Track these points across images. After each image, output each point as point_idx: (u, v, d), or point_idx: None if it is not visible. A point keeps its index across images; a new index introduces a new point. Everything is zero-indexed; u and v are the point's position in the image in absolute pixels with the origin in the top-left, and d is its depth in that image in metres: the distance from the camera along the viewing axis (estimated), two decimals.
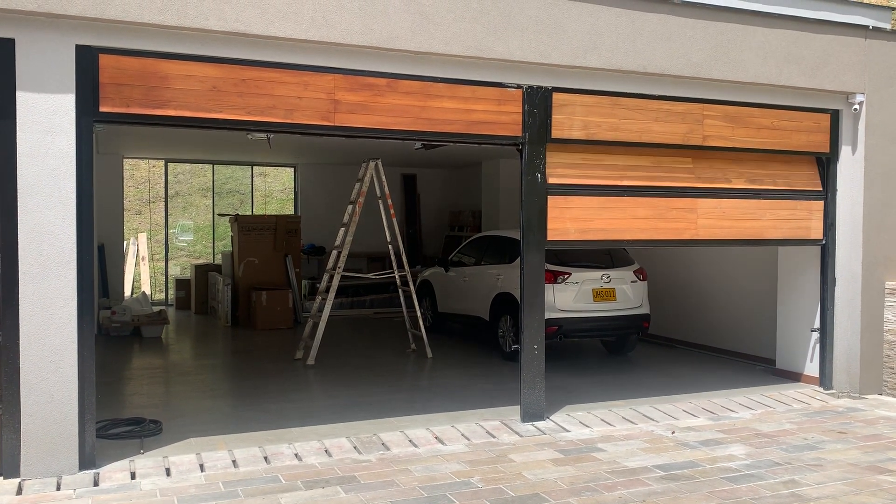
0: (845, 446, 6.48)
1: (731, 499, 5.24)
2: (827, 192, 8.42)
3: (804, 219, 8.30)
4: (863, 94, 8.23)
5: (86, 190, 5.57)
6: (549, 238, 7.12)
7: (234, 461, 5.86)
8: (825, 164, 8.42)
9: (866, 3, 8.52)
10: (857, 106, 8.25)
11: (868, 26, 8.28)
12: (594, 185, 7.36)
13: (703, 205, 7.81)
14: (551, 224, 7.13)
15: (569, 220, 7.23)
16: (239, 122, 6.02)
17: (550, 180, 7.11)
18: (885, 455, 6.24)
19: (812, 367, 8.69)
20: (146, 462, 5.80)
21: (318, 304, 10.66)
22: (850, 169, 8.35)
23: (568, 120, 7.11)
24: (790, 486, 5.49)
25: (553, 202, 7.12)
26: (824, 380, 8.48)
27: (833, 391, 8.40)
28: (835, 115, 8.34)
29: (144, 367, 9.56)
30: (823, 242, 8.40)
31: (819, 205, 8.37)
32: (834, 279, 8.41)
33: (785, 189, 8.20)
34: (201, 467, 5.72)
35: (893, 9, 9.52)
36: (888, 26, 8.51)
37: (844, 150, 8.36)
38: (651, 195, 7.57)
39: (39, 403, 5.44)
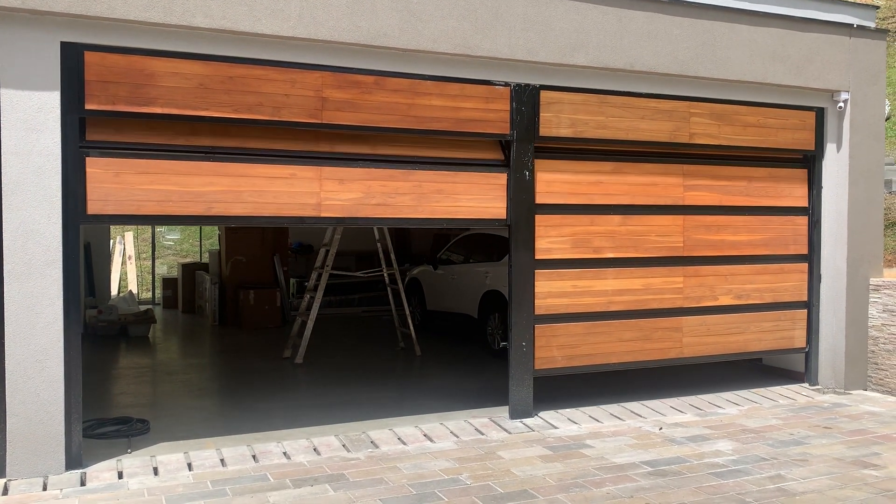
0: (830, 441, 6.54)
1: (718, 494, 5.28)
2: (812, 190, 8.48)
3: (788, 329, 8.38)
4: (847, 91, 8.29)
5: (71, 188, 5.54)
6: (535, 367, 7.12)
7: (222, 460, 5.84)
8: (812, 162, 8.49)
9: (851, 2, 8.59)
10: (841, 104, 8.31)
11: (853, 25, 8.34)
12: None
13: (687, 322, 7.86)
14: (538, 353, 7.13)
15: (555, 349, 7.24)
16: (226, 119, 5.99)
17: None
18: (869, 450, 6.30)
19: (798, 364, 8.76)
20: (133, 461, 5.78)
21: (307, 303, 10.64)
22: (834, 166, 8.41)
23: (556, 118, 7.13)
24: (776, 481, 5.53)
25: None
26: (810, 376, 8.54)
27: (819, 387, 8.47)
28: (820, 113, 8.39)
29: (131, 366, 9.51)
30: (807, 350, 8.49)
31: (802, 314, 8.44)
32: (819, 276, 8.47)
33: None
34: (189, 466, 5.70)
35: (878, 7, 9.58)
36: (873, 25, 8.58)
37: (829, 148, 8.41)
38: (636, 317, 7.60)
39: (25, 403, 5.40)
